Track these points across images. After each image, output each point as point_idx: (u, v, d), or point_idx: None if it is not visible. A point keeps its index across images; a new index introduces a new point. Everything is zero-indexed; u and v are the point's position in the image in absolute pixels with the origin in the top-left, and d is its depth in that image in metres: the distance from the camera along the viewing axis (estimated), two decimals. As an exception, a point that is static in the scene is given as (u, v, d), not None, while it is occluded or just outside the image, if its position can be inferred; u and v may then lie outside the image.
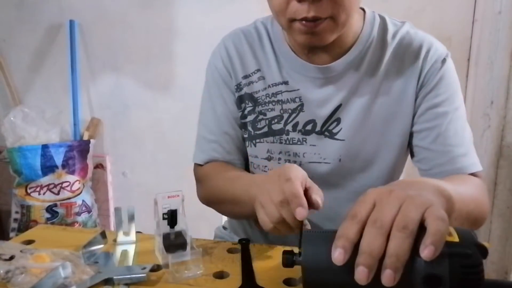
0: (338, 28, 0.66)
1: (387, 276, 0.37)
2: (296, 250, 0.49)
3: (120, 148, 2.03)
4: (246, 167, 0.87)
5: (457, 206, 0.50)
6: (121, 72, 1.95)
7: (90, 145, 1.95)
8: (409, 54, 0.74)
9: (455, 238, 0.42)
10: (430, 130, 0.73)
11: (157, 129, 1.96)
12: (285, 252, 0.49)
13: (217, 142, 0.82)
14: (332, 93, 0.75)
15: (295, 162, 0.78)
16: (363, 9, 0.79)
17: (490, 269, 1.57)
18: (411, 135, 0.77)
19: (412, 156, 0.79)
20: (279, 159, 0.79)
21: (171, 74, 1.89)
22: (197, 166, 0.86)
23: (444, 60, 0.74)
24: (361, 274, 0.38)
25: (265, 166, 0.81)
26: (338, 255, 0.39)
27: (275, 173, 0.57)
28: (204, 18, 1.80)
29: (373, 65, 0.74)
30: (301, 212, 0.51)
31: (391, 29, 0.76)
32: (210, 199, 0.81)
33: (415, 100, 0.74)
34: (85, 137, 1.96)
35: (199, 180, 0.85)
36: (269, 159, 0.80)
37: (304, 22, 0.63)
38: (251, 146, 0.82)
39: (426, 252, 0.37)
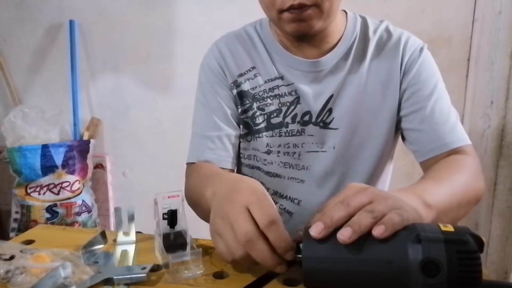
0: (323, 15, 0.72)
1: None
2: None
3: (120, 148, 2.03)
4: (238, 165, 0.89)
5: (442, 206, 0.58)
6: (121, 72, 1.95)
7: (90, 145, 1.95)
8: (389, 46, 0.80)
9: (450, 229, 0.43)
10: (416, 112, 0.78)
11: (157, 129, 1.96)
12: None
13: (210, 138, 0.82)
14: (323, 86, 0.80)
15: (294, 153, 0.82)
16: (345, 11, 0.85)
17: (490, 269, 1.57)
18: (399, 120, 0.82)
19: (404, 139, 0.83)
20: (278, 152, 0.83)
21: (171, 74, 1.89)
22: (187, 165, 0.85)
23: (421, 49, 0.81)
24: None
25: (265, 160, 0.84)
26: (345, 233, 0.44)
27: (235, 195, 0.51)
28: (204, 18, 1.80)
29: (359, 58, 0.80)
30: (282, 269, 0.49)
31: (371, 26, 0.83)
32: (188, 200, 0.78)
33: (400, 87, 0.80)
34: (85, 137, 1.96)
35: (185, 179, 0.84)
36: (268, 152, 0.83)
37: (291, 10, 0.69)
38: (254, 140, 0.84)
39: (377, 229, 0.43)
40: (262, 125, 0.82)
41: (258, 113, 0.82)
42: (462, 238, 0.41)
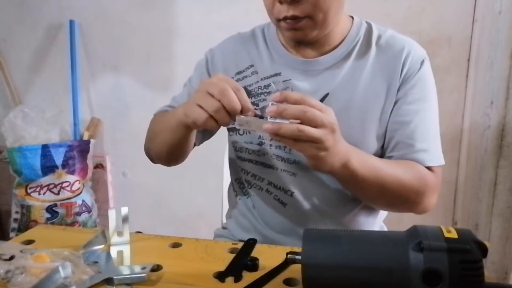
0: (318, 26, 0.75)
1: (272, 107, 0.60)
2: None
3: (120, 148, 2.03)
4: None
5: (360, 176, 0.69)
6: (121, 72, 1.95)
7: (90, 145, 1.95)
8: (391, 54, 0.81)
9: (454, 235, 0.42)
10: (400, 124, 0.79)
11: (157, 129, 1.96)
12: (288, 253, 0.49)
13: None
14: (319, 84, 0.81)
15: (285, 147, 0.83)
16: (352, 17, 0.86)
17: (490, 269, 1.57)
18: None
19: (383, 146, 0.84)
20: (271, 145, 0.84)
21: (171, 74, 1.89)
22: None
23: (422, 62, 0.81)
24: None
25: (258, 151, 0.86)
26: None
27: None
28: (204, 18, 1.80)
29: (358, 62, 0.81)
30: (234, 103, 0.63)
31: (375, 32, 0.84)
32: (147, 142, 0.94)
33: (396, 95, 0.80)
34: (85, 137, 1.96)
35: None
36: (260, 144, 0.85)
37: (286, 20, 0.73)
38: (246, 134, 0.87)
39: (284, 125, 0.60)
40: None
41: (253, 108, 0.84)
42: (466, 247, 0.40)
